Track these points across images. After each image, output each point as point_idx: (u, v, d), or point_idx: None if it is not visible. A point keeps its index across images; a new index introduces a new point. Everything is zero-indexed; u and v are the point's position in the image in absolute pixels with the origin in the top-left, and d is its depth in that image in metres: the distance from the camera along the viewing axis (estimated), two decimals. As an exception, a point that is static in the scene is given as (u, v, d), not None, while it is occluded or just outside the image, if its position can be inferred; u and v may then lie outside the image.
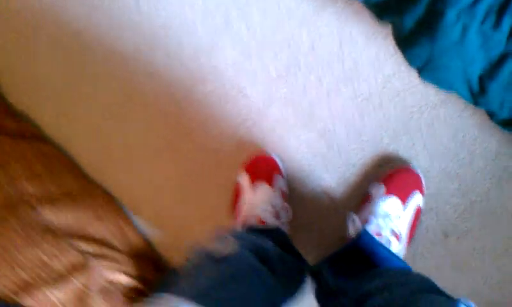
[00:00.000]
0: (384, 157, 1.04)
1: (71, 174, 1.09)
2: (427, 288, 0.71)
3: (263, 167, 1.05)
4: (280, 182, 1.04)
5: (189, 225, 1.15)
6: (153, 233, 1.15)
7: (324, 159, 1.07)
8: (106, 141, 1.15)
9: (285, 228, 1.02)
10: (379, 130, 1.04)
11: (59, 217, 0.97)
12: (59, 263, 0.88)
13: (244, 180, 1.05)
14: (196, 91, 1.10)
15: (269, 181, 1.03)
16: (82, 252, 0.93)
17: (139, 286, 0.98)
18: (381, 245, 0.88)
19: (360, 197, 1.06)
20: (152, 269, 1.06)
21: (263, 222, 0.97)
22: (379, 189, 1.00)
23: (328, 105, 1.05)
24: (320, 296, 0.90)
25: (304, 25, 1.00)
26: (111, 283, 0.94)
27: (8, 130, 1.07)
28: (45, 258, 0.87)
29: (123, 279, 0.96)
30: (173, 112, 1.11)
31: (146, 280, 1.02)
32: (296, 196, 1.08)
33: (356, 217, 0.96)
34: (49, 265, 0.87)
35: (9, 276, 0.83)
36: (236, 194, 1.07)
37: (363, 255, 0.87)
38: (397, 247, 0.95)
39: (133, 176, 1.15)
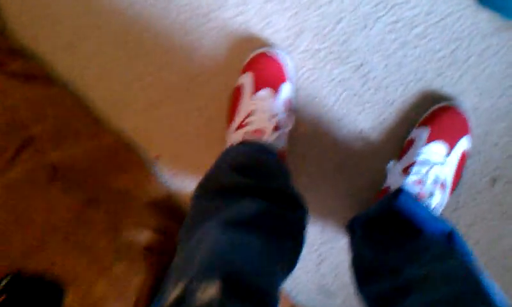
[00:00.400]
0: (427, 93, 0.93)
1: (85, 121, 0.99)
2: (473, 288, 0.62)
3: (269, 71, 0.92)
4: (286, 89, 0.93)
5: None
6: (172, 181, 1.07)
7: (359, 97, 0.95)
8: (121, 78, 1.04)
9: (284, 139, 0.92)
10: (421, 62, 0.92)
11: (73, 171, 0.89)
12: (73, 224, 0.81)
13: (246, 79, 0.93)
14: (217, 18, 0.97)
15: (275, 87, 0.92)
16: (99, 209, 0.86)
17: (159, 240, 0.92)
18: (420, 206, 0.79)
19: (398, 140, 0.96)
20: (174, 222, 0.99)
21: (259, 132, 0.87)
22: (422, 133, 0.89)
23: (364, 34, 0.92)
24: (357, 266, 0.82)
25: None
26: (130, 240, 0.88)
27: (14, 71, 0.96)
28: (58, 219, 0.80)
29: (142, 236, 0.90)
30: (190, 43, 0.99)
31: (167, 234, 0.95)
32: (328, 137, 0.98)
33: (396, 166, 0.87)
34: (63, 227, 0.80)
35: (21, 238, 0.76)
36: (235, 97, 0.95)
37: (400, 216, 0.78)
38: (441, 197, 0.87)
39: (150, 118, 1.05)
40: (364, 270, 0.77)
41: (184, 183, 1.06)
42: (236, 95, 0.94)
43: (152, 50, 1.01)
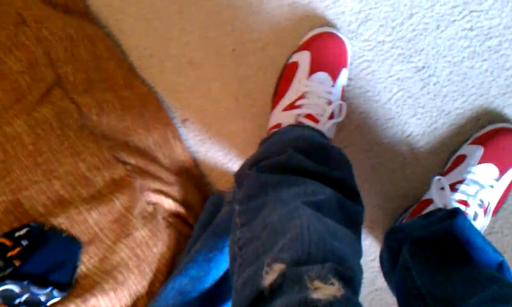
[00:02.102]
0: (486, 110, 0.88)
1: (119, 68, 0.90)
2: None
3: (330, 53, 0.85)
4: (344, 76, 0.87)
5: (241, 142, 1.00)
6: (198, 149, 1.00)
7: (415, 100, 0.90)
8: (160, 31, 0.96)
9: (333, 130, 0.86)
10: (488, 78, 0.86)
11: (102, 119, 0.81)
12: (100, 177, 0.75)
13: (303, 57, 0.86)
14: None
15: (333, 71, 0.85)
16: (126, 166, 0.79)
17: (182, 211, 0.86)
18: (476, 231, 0.73)
19: (444, 153, 0.90)
20: (195, 193, 0.93)
21: (313, 118, 0.81)
22: (475, 152, 0.84)
23: (434, 36, 0.86)
24: (403, 290, 0.74)
25: None
26: (154, 206, 0.82)
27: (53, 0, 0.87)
28: (84, 169, 0.74)
29: (167, 203, 0.83)
30: (247, 6, 0.92)
31: (189, 204, 0.89)
32: (372, 135, 0.93)
33: (445, 183, 0.81)
34: (89, 179, 0.74)
35: (43, 187, 0.70)
36: (287, 74, 0.88)
37: (452, 239, 0.73)
38: (482, 221, 0.82)
39: (185, 78, 0.97)
40: (411, 296, 0.71)
41: (210, 153, 1.00)
42: (289, 72, 0.87)
43: (202, 6, 0.93)
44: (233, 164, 1.00)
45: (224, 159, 0.99)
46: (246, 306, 0.51)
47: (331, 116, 0.83)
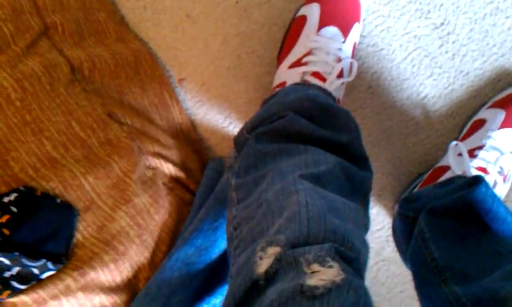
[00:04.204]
0: (507, 72, 0.83)
1: (110, 20, 0.82)
2: None
3: (341, 5, 0.78)
4: (356, 31, 0.80)
5: (242, 104, 0.93)
6: (197, 111, 0.93)
7: (432, 59, 0.84)
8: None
9: (342, 90, 0.80)
10: (510, 36, 0.81)
11: (95, 75, 0.73)
12: (95, 138, 0.67)
13: (312, 11, 0.78)
14: None
15: (345, 26, 0.78)
16: (122, 127, 0.72)
17: (182, 176, 0.79)
18: (500, 202, 0.68)
19: (462, 117, 0.85)
20: (195, 157, 0.86)
21: (320, 77, 0.75)
22: (496, 116, 0.79)
23: (453, -10, 0.80)
24: (420, 262, 0.68)
25: None
26: (153, 170, 0.75)
27: None
28: (78, 129, 0.66)
29: (166, 168, 0.76)
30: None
31: (188, 169, 0.82)
32: (385, 97, 0.87)
33: (463, 148, 0.76)
34: (83, 140, 0.66)
35: (33, 147, 0.62)
36: (294, 29, 0.81)
37: (473, 208, 0.67)
38: (502, 189, 0.78)
39: (182, 33, 0.89)
40: (428, 269, 0.66)
41: (209, 115, 0.93)
42: (296, 27, 0.80)
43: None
44: (234, 127, 0.93)
45: (224, 122, 0.93)
46: (240, 297, 0.46)
47: (340, 75, 0.76)
